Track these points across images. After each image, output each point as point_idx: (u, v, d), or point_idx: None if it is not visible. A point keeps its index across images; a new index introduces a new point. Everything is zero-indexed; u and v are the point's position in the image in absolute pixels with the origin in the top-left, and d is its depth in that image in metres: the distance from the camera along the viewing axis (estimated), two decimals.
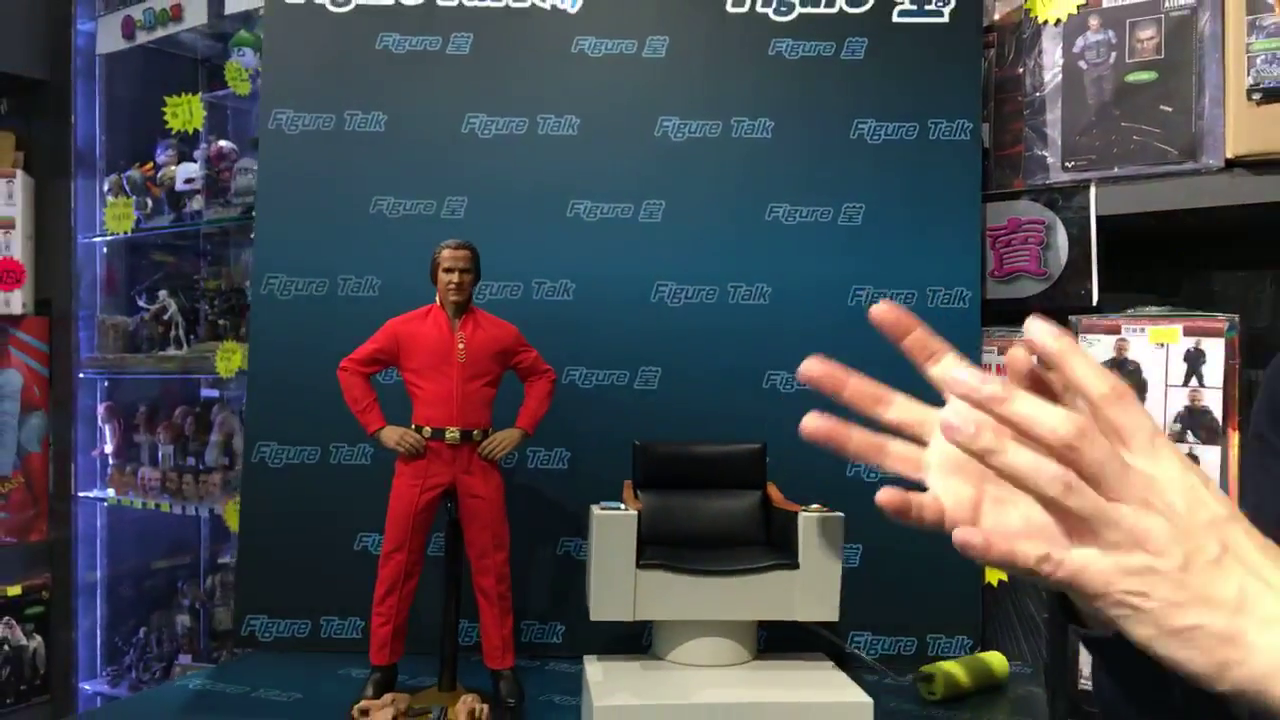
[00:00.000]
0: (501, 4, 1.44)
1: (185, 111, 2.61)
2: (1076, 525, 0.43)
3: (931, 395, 0.50)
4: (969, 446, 0.43)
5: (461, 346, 1.15)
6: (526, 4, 1.44)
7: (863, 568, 1.35)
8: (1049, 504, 0.43)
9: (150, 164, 2.79)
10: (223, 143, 2.75)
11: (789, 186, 1.41)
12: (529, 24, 1.44)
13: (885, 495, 0.46)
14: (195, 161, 2.70)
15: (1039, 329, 0.44)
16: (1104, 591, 0.42)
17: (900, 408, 0.51)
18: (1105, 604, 0.43)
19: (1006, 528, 0.51)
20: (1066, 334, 0.45)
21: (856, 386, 0.51)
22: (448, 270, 1.14)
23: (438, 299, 1.17)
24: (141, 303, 2.66)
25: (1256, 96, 1.25)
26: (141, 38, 2.64)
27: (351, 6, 1.44)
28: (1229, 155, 1.28)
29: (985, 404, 0.43)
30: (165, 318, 2.55)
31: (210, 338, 2.70)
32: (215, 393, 2.92)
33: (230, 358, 2.40)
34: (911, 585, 1.34)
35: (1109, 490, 0.42)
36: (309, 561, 1.38)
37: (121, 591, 2.77)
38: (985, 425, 0.42)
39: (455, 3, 1.44)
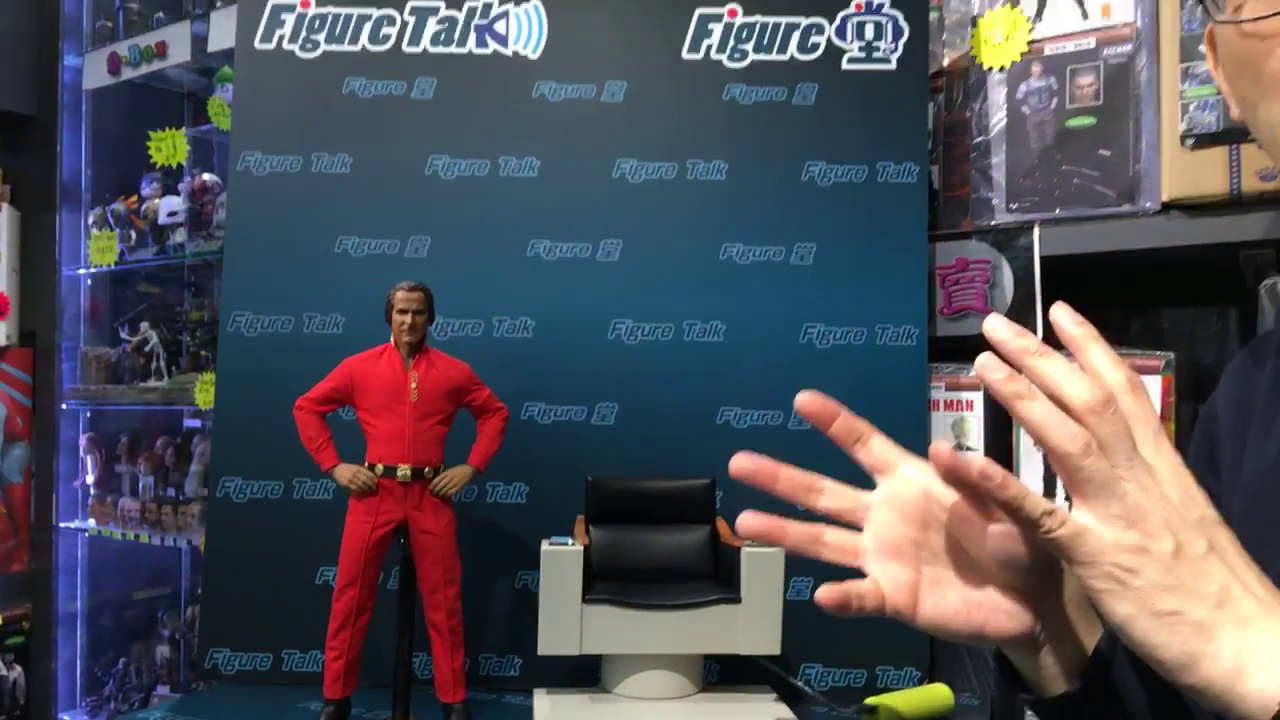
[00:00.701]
0: (465, 50, 1.49)
1: (169, 146, 2.65)
2: (1082, 490, 0.44)
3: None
4: (1000, 389, 0.43)
5: (414, 385, 1.18)
6: (489, 50, 1.49)
7: (812, 602, 1.37)
8: (1061, 462, 0.44)
9: (134, 197, 2.83)
10: (206, 176, 2.80)
11: (742, 227, 1.45)
12: (491, 69, 1.49)
13: (824, 594, 0.49)
14: (179, 195, 2.75)
15: (1063, 315, 0.46)
16: (1095, 560, 0.43)
17: (833, 495, 0.53)
18: (1093, 574, 0.43)
19: (946, 609, 0.54)
20: (1087, 323, 0.46)
21: (788, 478, 0.52)
22: (401, 311, 1.18)
23: (392, 339, 1.21)
24: (124, 334, 2.69)
25: (1190, 142, 1.30)
26: (127, 73, 2.69)
27: (319, 53, 1.48)
28: (1165, 198, 1.32)
29: (1017, 355, 0.44)
30: (147, 349, 2.58)
31: (192, 369, 2.73)
32: (197, 423, 2.95)
33: (209, 389, 2.43)
34: (862, 619, 1.37)
35: (1117, 466, 0.44)
36: (271, 595, 1.41)
37: (102, 622, 2.79)
38: (1014, 378, 0.43)
39: (420, 49, 1.48)
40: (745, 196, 1.46)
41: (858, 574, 0.54)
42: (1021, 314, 1.44)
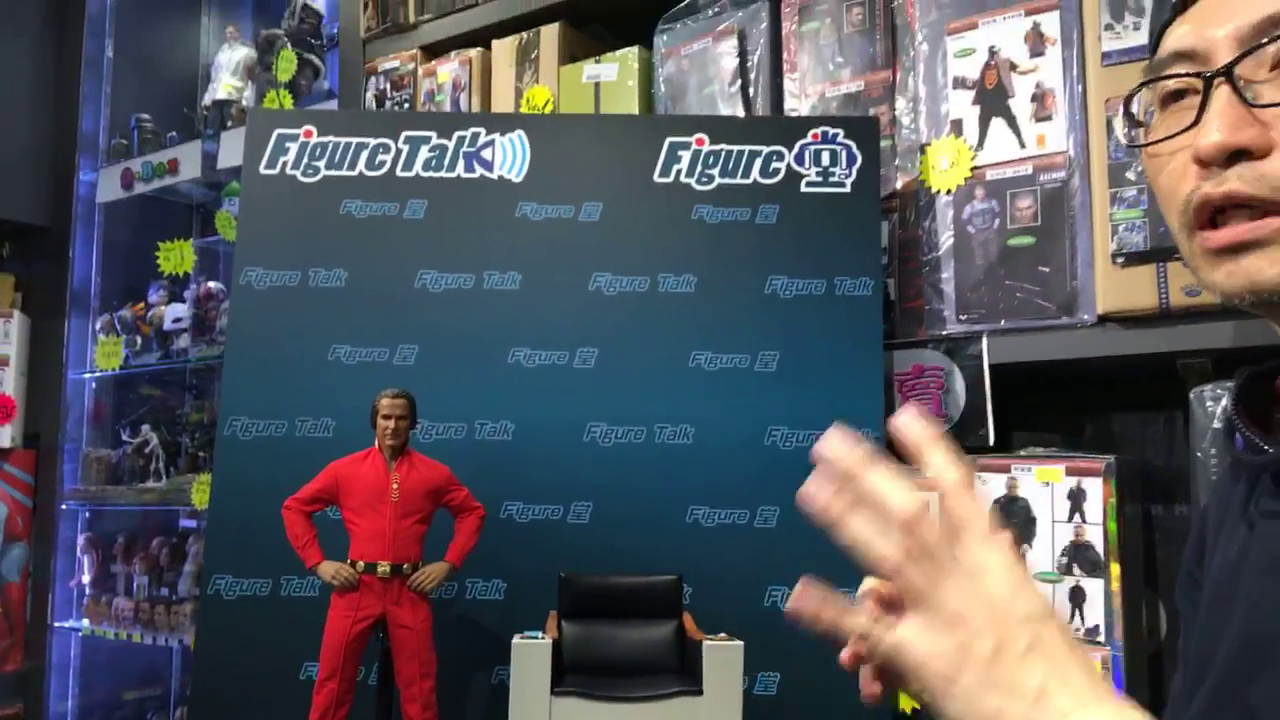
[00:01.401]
0: (454, 174, 1.61)
1: (177, 256, 2.78)
2: (909, 599, 0.46)
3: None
4: (821, 518, 0.47)
5: (396, 486, 1.27)
6: (476, 174, 1.61)
7: (780, 694, 1.42)
8: (885, 574, 0.47)
9: (141, 304, 2.96)
10: (211, 284, 2.93)
11: (709, 336, 1.55)
12: (478, 191, 1.61)
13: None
14: (184, 302, 2.87)
15: (904, 421, 0.49)
16: (917, 671, 0.46)
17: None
18: (920, 681, 0.46)
19: None
20: (931, 428, 0.50)
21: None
22: (385, 416, 1.27)
23: (376, 443, 1.29)
24: (125, 436, 2.78)
25: (1120, 260, 1.40)
26: (139, 188, 2.84)
27: (319, 177, 1.61)
28: (1100, 311, 1.42)
29: (847, 471, 0.48)
30: (147, 450, 2.66)
31: (190, 470, 2.81)
32: (193, 523, 3.01)
33: (205, 489, 2.51)
34: (827, 712, 1.42)
35: (940, 572, 0.46)
36: (257, 689, 1.46)
37: None
38: (837, 498, 0.47)
39: (412, 174, 1.61)
40: (712, 308, 1.56)
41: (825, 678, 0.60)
42: (973, 416, 1.53)
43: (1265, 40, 0.61)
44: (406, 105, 2.22)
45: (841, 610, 0.49)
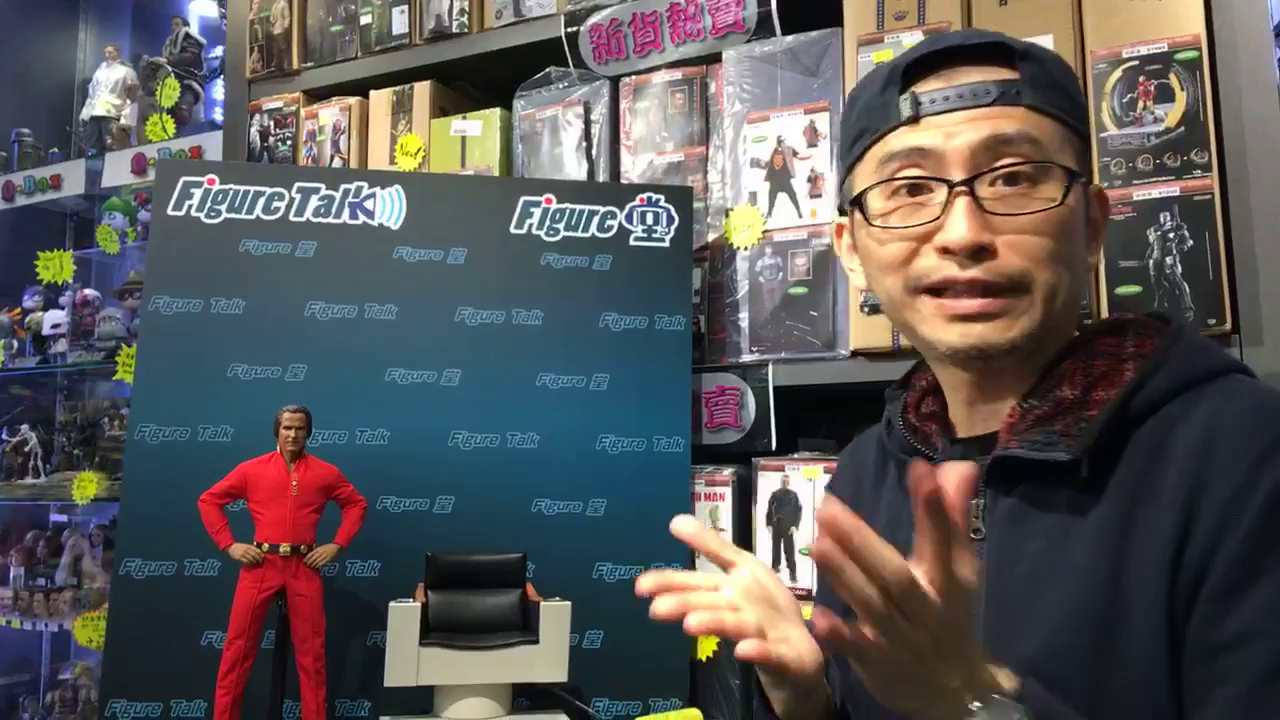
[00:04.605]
0: (340, 220, 1.90)
1: (56, 265, 2.92)
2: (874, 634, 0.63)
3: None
4: (822, 563, 0.61)
5: (295, 483, 1.57)
6: (359, 221, 1.91)
7: (603, 647, 1.79)
8: (863, 615, 0.62)
9: (18, 309, 3.08)
10: (88, 291, 3.09)
11: (553, 361, 1.89)
12: (361, 236, 1.90)
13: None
14: (61, 308, 3.02)
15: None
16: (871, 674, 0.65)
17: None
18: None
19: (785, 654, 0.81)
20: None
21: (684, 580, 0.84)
22: (287, 428, 1.57)
23: (278, 448, 1.59)
24: (4, 435, 2.90)
25: (865, 309, 1.83)
26: (21, 200, 2.97)
27: (221, 219, 1.87)
28: (852, 348, 1.84)
29: (843, 533, 0.60)
30: (26, 449, 2.80)
31: (65, 467, 2.97)
32: (64, 518, 3.16)
33: (86, 486, 2.69)
34: (639, 660, 1.79)
35: (904, 626, 0.62)
36: (165, 654, 1.72)
37: None
38: (836, 552, 0.61)
39: (304, 219, 1.89)
40: (556, 338, 1.90)
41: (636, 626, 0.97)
42: (761, 427, 1.93)
43: (997, 164, 0.80)
44: (289, 143, 2.48)
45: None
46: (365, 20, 2.43)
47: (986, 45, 0.84)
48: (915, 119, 0.82)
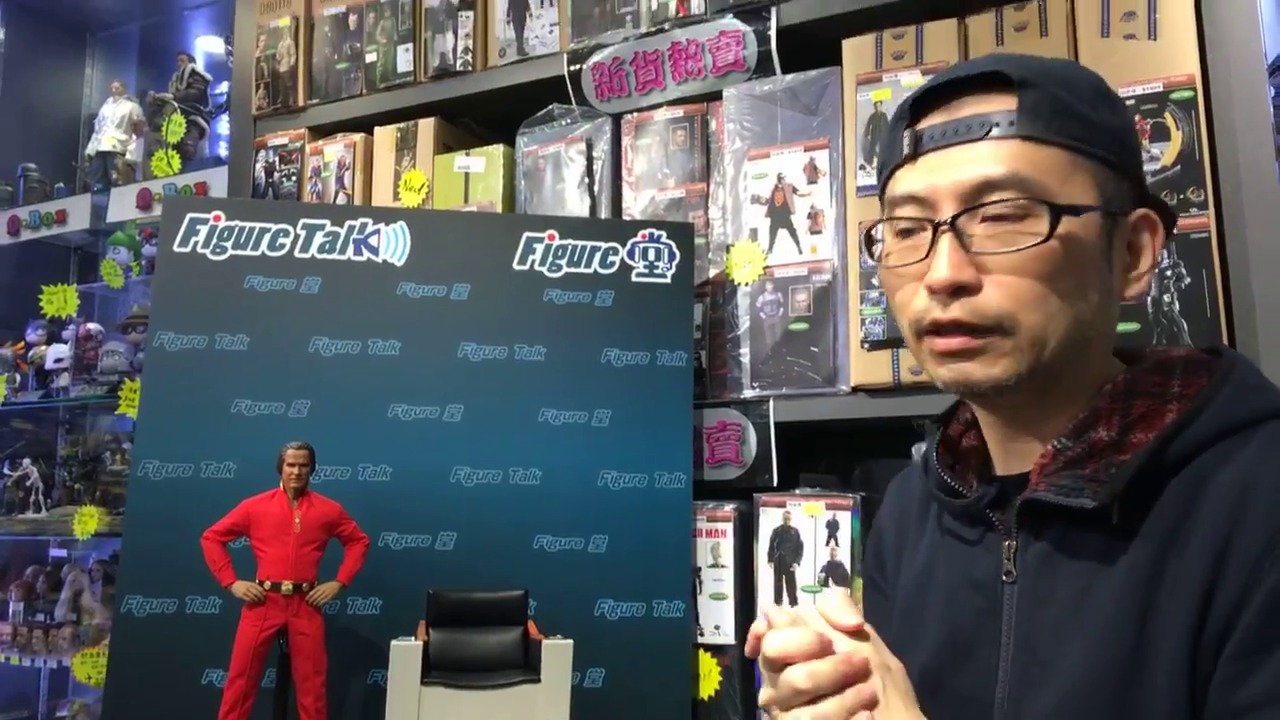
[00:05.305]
0: (345, 257, 1.92)
1: (60, 299, 2.93)
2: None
3: None
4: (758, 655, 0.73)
5: (298, 520, 1.56)
6: (364, 257, 1.93)
7: (605, 686, 1.78)
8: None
9: (21, 343, 3.09)
10: (91, 325, 3.10)
11: (556, 396, 1.90)
12: (365, 272, 1.92)
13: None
14: (65, 342, 3.03)
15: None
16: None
17: None
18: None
19: None
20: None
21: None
22: (290, 464, 1.57)
23: (281, 485, 1.59)
24: (5, 469, 2.90)
25: (866, 345, 1.84)
26: (26, 235, 2.99)
27: (227, 256, 1.89)
28: (853, 384, 1.85)
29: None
30: (28, 483, 2.80)
31: (67, 501, 2.96)
32: (64, 553, 3.15)
33: (87, 521, 2.69)
34: (641, 700, 1.78)
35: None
36: (166, 692, 1.71)
37: None
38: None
39: (309, 255, 1.91)
40: (558, 374, 1.91)
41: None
42: (762, 463, 1.93)
43: (981, 202, 0.79)
44: (294, 179, 2.50)
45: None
46: (370, 58, 2.46)
47: (987, 75, 0.81)
48: (914, 155, 0.83)
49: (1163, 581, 0.74)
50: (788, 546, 1.83)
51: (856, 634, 0.75)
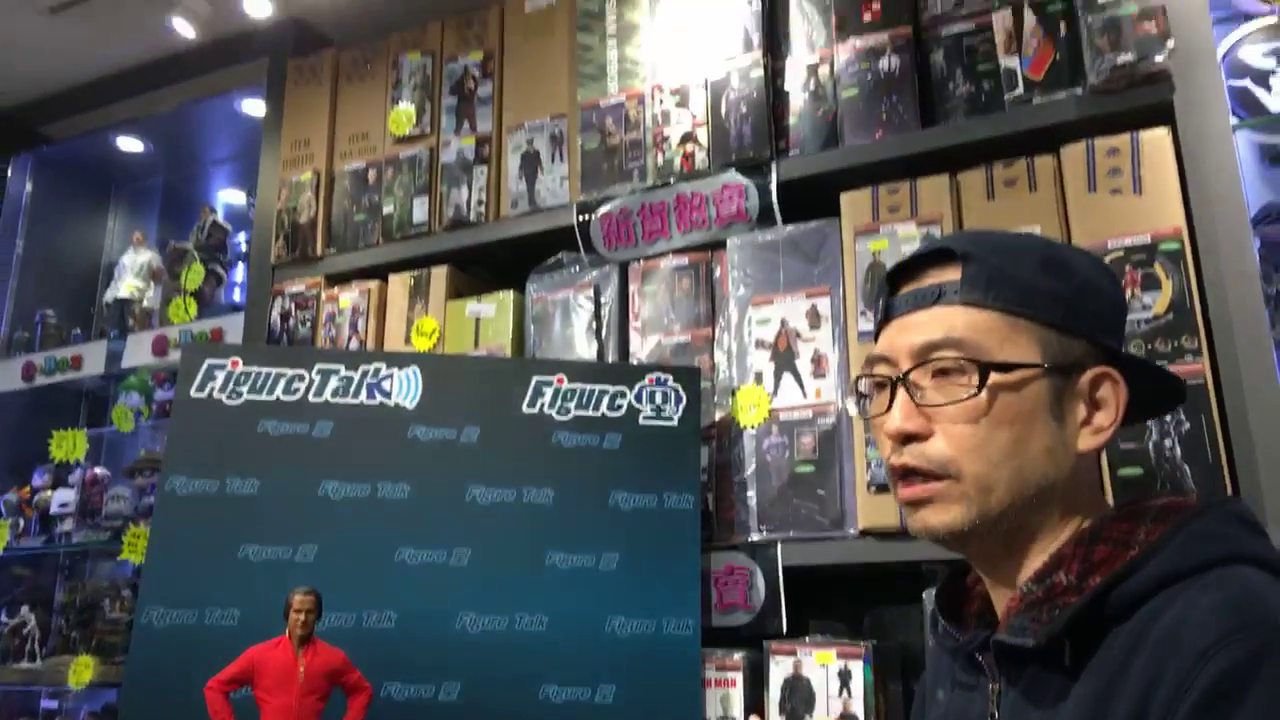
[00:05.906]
0: (357, 400, 1.95)
1: (69, 444, 2.94)
2: None
3: None
4: None
5: (302, 669, 1.54)
6: (376, 401, 1.96)
7: None
8: None
9: (27, 488, 3.09)
10: (98, 469, 3.11)
11: (563, 539, 1.89)
12: (377, 415, 1.95)
13: None
14: (70, 486, 3.03)
15: None
16: None
17: None
18: None
19: None
20: None
21: None
22: (298, 611, 1.56)
23: (287, 631, 1.57)
24: (3, 617, 2.85)
25: (873, 488, 1.85)
26: (40, 380, 3.03)
27: (241, 400, 1.92)
28: (861, 527, 1.85)
29: None
30: (24, 632, 2.75)
31: (62, 650, 2.90)
32: (54, 704, 3.06)
33: (82, 671, 2.63)
34: None
35: None
36: None
37: None
38: None
39: (322, 399, 1.94)
40: (566, 516, 1.91)
41: None
42: (771, 608, 1.91)
43: (928, 359, 0.90)
44: (309, 324, 2.57)
45: None
46: (387, 210, 2.57)
47: (943, 250, 0.94)
48: (886, 320, 0.96)
49: None
50: (799, 697, 1.79)
51: None
